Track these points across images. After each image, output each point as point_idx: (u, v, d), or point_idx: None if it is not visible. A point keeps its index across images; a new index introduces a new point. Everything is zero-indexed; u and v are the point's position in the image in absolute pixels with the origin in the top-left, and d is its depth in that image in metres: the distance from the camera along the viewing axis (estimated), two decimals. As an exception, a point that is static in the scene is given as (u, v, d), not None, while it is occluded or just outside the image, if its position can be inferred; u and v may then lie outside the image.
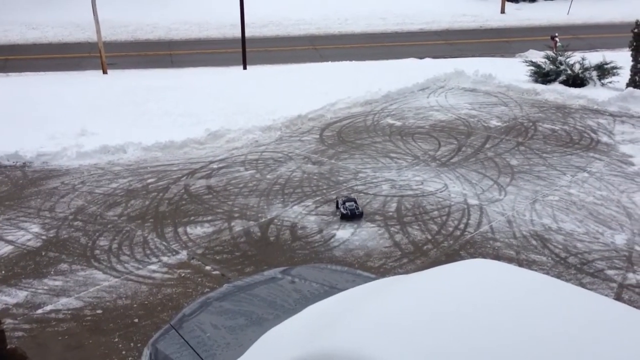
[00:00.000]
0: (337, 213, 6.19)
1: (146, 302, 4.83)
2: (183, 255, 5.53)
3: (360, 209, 6.16)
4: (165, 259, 5.47)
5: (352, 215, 6.07)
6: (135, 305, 4.80)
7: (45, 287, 5.06)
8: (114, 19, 21.66)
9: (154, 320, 4.59)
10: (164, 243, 5.74)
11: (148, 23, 22.11)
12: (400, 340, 2.41)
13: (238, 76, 12.90)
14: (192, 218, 6.24)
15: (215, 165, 7.63)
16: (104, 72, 14.77)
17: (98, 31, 14.64)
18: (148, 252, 5.59)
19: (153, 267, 5.34)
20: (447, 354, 2.29)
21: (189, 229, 6.00)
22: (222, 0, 23.04)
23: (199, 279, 5.14)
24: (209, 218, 6.23)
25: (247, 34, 16.09)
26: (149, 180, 7.20)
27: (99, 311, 4.74)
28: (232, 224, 6.10)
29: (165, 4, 24.10)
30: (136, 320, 4.62)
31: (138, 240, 5.79)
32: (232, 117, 9.18)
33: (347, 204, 6.15)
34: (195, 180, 7.20)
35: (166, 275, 5.20)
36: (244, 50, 14.81)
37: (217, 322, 3.38)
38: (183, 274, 5.22)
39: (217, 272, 5.24)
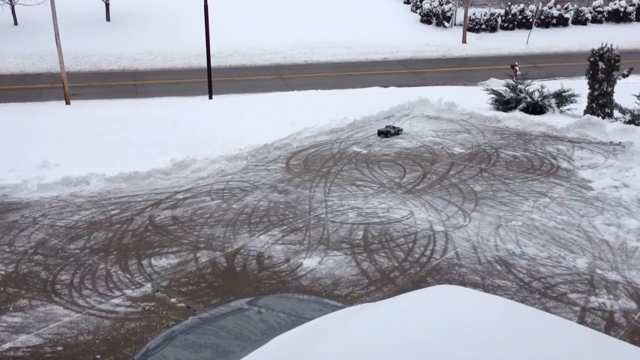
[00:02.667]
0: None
1: (109, 337, 4.71)
2: (147, 288, 5.42)
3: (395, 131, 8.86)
4: (129, 292, 5.36)
5: (387, 133, 9.10)
6: (97, 341, 4.67)
7: (4, 324, 4.89)
8: (77, 50, 21.51)
9: (117, 356, 4.47)
10: (127, 276, 5.63)
11: (112, 53, 22.01)
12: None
13: (204, 106, 12.89)
14: (157, 249, 6.14)
15: (180, 196, 7.56)
16: (67, 102, 14.60)
17: (61, 61, 14.51)
18: (111, 285, 5.47)
19: (116, 300, 5.22)
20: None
21: (153, 261, 5.90)
22: (188, 31, 23.12)
23: (164, 312, 5.04)
24: (174, 249, 6.14)
25: (213, 64, 16.13)
26: (113, 212, 7.09)
27: (60, 348, 4.60)
28: (198, 254, 6.03)
29: (130, 35, 24.04)
30: (98, 356, 4.49)
31: (101, 274, 5.67)
32: (197, 146, 9.14)
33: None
34: (160, 211, 7.11)
35: (130, 309, 5.09)
36: (209, 80, 14.84)
37: (182, 355, 3.31)
38: (147, 307, 5.11)
39: (182, 305, 5.15)
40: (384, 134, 9.71)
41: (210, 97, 14.78)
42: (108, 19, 25.86)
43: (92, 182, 7.89)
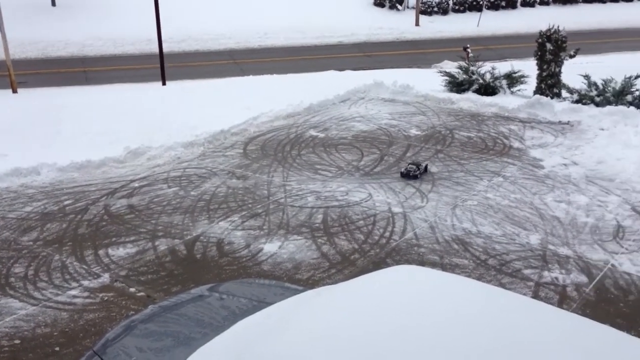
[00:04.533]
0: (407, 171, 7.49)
1: (67, 330, 4.63)
2: (105, 278, 5.34)
3: (418, 170, 7.44)
4: (86, 283, 5.26)
5: (408, 175, 7.40)
6: (55, 333, 4.58)
7: (-45, 321, 4.75)
8: (23, 36, 20.76)
9: (76, 348, 4.40)
10: (84, 267, 5.53)
11: (59, 39, 21.33)
12: (329, 350, 2.42)
13: (157, 92, 12.66)
14: (114, 239, 6.04)
15: (136, 184, 7.44)
16: (14, 91, 14.13)
17: (6, 49, 14.00)
18: (67, 277, 5.36)
19: (73, 292, 5.12)
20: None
21: (110, 251, 5.80)
22: (138, 15, 22.58)
23: (123, 302, 4.97)
24: (132, 238, 6.05)
25: (165, 49, 15.83)
26: (66, 202, 6.92)
27: (17, 341, 4.49)
28: (157, 243, 5.96)
29: (78, 20, 23.34)
30: (57, 348, 4.41)
31: (56, 265, 5.55)
32: (152, 134, 8.98)
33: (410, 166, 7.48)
34: (115, 200, 6.98)
35: (88, 300, 5.00)
36: (162, 66, 14.56)
37: (143, 345, 3.28)
38: (106, 298, 5.03)
39: (142, 294, 5.09)
40: (405, 175, 7.49)
41: (164, 84, 14.51)
42: (54, 4, 25.02)
43: (43, 172, 7.68)
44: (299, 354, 2.44)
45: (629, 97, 10.07)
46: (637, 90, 10.15)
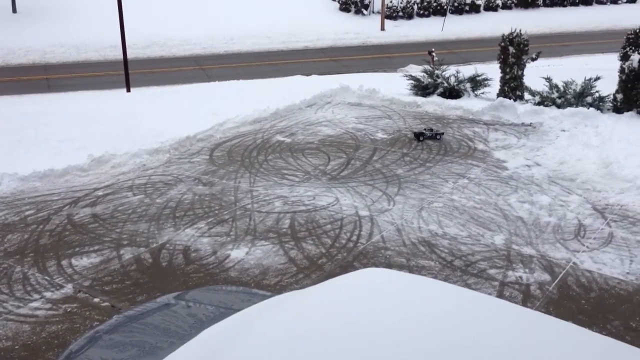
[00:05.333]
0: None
1: (29, 342, 4.52)
2: (68, 288, 5.23)
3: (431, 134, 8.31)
4: (48, 294, 5.15)
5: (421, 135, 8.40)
6: (17, 347, 4.47)
7: None
8: (-18, 43, 20.30)
9: (38, 361, 4.30)
10: (46, 278, 5.41)
11: (20, 47, 20.89)
12: (297, 356, 2.42)
13: (121, 99, 12.49)
14: (77, 249, 5.93)
15: (100, 192, 7.32)
16: (-28, 99, 13.77)
17: (-37, 56, 13.65)
18: (29, 288, 5.24)
19: (35, 304, 5.01)
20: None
21: (74, 261, 5.69)
22: (101, 21, 22.29)
23: (87, 313, 4.88)
24: (96, 248, 5.95)
25: (129, 56, 15.63)
26: (27, 212, 6.77)
27: (-24, 357, 4.37)
28: (121, 252, 5.87)
29: (39, 27, 22.91)
30: (19, 363, 4.31)
31: (17, 277, 5.42)
32: (116, 141, 8.85)
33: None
34: (79, 209, 6.86)
35: (50, 312, 4.90)
36: (126, 72, 14.37)
37: (107, 356, 3.22)
38: (69, 309, 4.93)
39: (106, 304, 5.01)
40: (417, 136, 9.00)
41: (128, 90, 14.33)
42: (14, 10, 24.50)
43: (3, 182, 7.49)
44: (264, 360, 2.42)
45: (589, 99, 10.32)
46: (596, 91, 10.41)
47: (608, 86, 10.29)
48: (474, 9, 30.62)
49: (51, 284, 5.31)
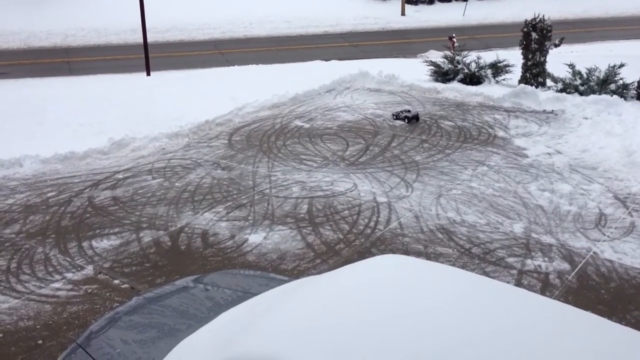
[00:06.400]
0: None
1: (50, 322, 4.60)
2: (89, 270, 5.31)
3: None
4: (69, 275, 5.23)
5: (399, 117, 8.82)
6: (38, 326, 4.56)
7: (-63, 315, 4.70)
8: (4, 26, 20.49)
9: (59, 341, 4.38)
10: (67, 259, 5.49)
11: (42, 30, 21.05)
12: (314, 340, 2.43)
13: (141, 83, 12.55)
14: (98, 231, 6.00)
15: (120, 176, 7.38)
16: (-5, 82, 13.93)
17: (-14, 39, 13.79)
18: (50, 269, 5.32)
19: (57, 285, 5.09)
20: (362, 351, 2.33)
21: (94, 243, 5.77)
22: (122, 5, 22.34)
23: (107, 294, 4.95)
24: (116, 230, 6.02)
25: (149, 39, 15.68)
26: (49, 194, 6.86)
27: (-1, 335, 4.46)
28: (141, 234, 5.93)
29: (61, 10, 23.05)
30: (40, 341, 4.39)
31: (39, 258, 5.50)
32: (136, 125, 8.92)
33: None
34: (99, 191, 6.93)
35: (71, 293, 4.97)
36: (146, 56, 14.42)
37: (127, 336, 3.27)
38: (90, 290, 5.01)
39: (126, 286, 5.07)
40: (396, 116, 9.34)
41: (148, 74, 14.38)
42: (36, -7, 24.67)
43: (25, 164, 7.60)
44: (284, 345, 2.44)
45: (613, 86, 10.14)
46: (620, 79, 10.22)
47: (632, 73, 10.10)
48: (497, -6, 30.12)
49: (72, 265, 5.39)
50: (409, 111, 9.28)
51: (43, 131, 8.74)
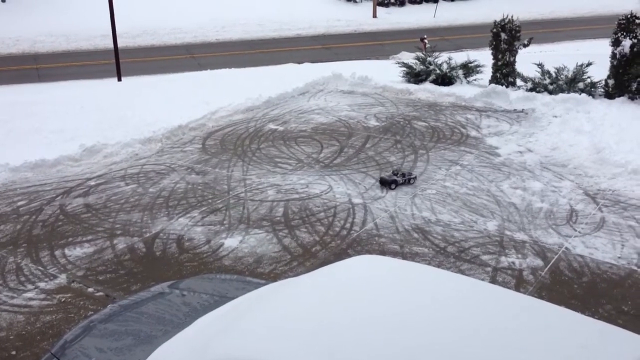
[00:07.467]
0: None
1: (24, 332, 4.52)
2: (62, 279, 5.22)
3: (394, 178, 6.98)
4: (42, 284, 5.14)
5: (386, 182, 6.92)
6: (11, 337, 4.47)
7: None
8: (-30, 32, 20.08)
9: (33, 351, 4.30)
10: (40, 268, 5.40)
11: (9, 36, 20.68)
12: (292, 342, 2.43)
13: (113, 88, 12.41)
14: (70, 239, 5.91)
15: (92, 182, 7.29)
16: (-38, 89, 13.64)
17: (-48, 46, 13.52)
18: (23, 279, 5.23)
19: (29, 294, 5.00)
20: (341, 351, 2.34)
21: (67, 251, 5.68)
22: (91, 10, 22.08)
23: (81, 303, 4.88)
24: (89, 237, 5.94)
25: (120, 45, 15.52)
26: (20, 203, 6.74)
27: (-30, 348, 4.37)
28: (115, 241, 5.86)
29: (28, 16, 22.69)
30: (14, 352, 4.31)
31: (10, 268, 5.40)
32: (108, 130, 8.81)
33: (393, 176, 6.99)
34: (71, 199, 6.83)
35: (44, 302, 4.89)
36: (117, 61, 14.27)
37: (103, 345, 3.23)
38: (63, 299, 4.93)
39: (100, 294, 5.01)
40: (388, 184, 6.96)
41: (119, 79, 14.23)
42: (3, 0, 24.28)
43: (-5, 173, 7.46)
44: (261, 348, 2.43)
45: (581, 85, 10.33)
46: (588, 77, 10.42)
47: (600, 72, 10.31)
48: (466, -5, 30.51)
49: (45, 274, 5.30)
50: (403, 174, 7.07)
51: (12, 139, 8.59)
